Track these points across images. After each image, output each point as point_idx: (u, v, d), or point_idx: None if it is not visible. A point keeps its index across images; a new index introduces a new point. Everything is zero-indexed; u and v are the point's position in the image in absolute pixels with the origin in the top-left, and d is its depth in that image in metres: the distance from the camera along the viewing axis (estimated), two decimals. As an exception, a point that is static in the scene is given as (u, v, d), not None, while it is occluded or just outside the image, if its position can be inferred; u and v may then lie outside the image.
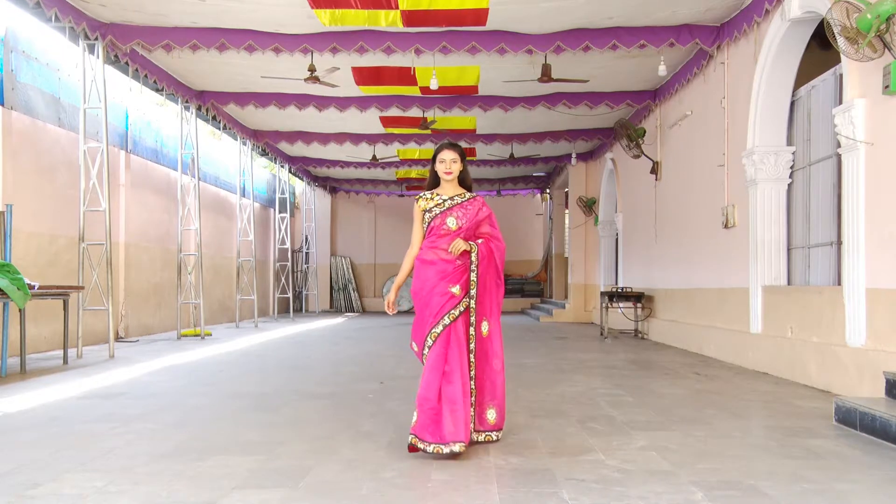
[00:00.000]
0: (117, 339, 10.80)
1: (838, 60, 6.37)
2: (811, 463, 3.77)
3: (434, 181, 4.30)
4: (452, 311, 4.01)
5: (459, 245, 4.06)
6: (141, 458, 3.79)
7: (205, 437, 4.34)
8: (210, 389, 6.25)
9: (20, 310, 6.98)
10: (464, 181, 4.28)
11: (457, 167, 4.20)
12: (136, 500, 3.08)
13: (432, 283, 4.05)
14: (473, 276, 4.10)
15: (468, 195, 4.25)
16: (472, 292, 4.09)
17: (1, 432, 4.45)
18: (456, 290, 4.05)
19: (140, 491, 3.21)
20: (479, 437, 4.12)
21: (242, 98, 11.71)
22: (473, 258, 4.10)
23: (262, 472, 3.53)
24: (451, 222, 4.16)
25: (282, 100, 11.67)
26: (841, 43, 5.43)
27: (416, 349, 4.12)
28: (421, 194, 4.28)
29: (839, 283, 6.41)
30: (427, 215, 4.19)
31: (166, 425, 4.67)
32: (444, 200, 4.20)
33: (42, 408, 5.27)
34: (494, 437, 4.16)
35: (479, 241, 4.17)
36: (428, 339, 3.98)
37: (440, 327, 3.97)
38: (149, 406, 5.36)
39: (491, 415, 4.15)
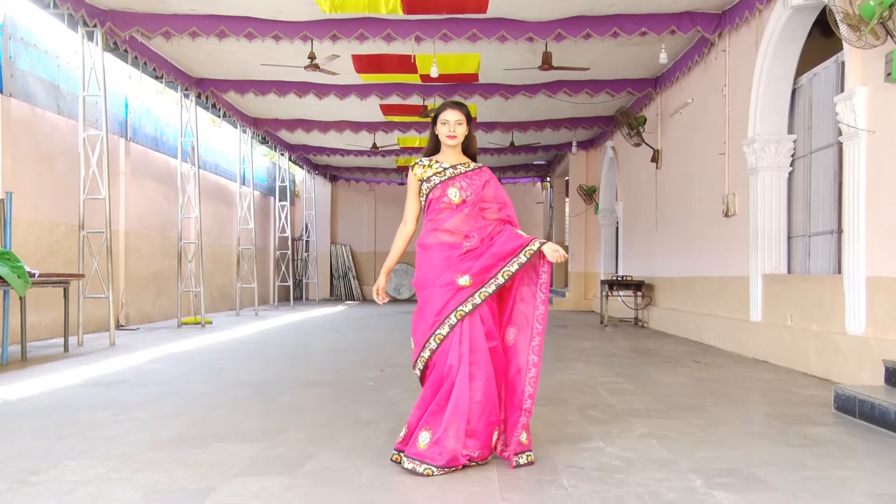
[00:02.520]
0: (118, 326, 10.82)
1: (840, 48, 6.34)
2: (810, 450, 3.78)
3: (433, 147, 3.69)
4: (461, 308, 3.38)
5: (560, 251, 3.43)
6: (142, 445, 3.80)
7: (205, 424, 4.34)
8: (210, 377, 6.27)
9: (20, 298, 6.98)
10: (468, 149, 3.69)
11: (462, 130, 3.59)
12: (137, 487, 3.09)
13: (436, 274, 3.46)
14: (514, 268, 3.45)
15: (473, 165, 3.65)
16: (501, 280, 3.46)
17: (2, 420, 4.46)
18: (464, 280, 3.41)
19: (141, 478, 3.22)
20: (521, 460, 3.41)
21: (242, 86, 11.67)
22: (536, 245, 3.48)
23: (262, 460, 3.54)
24: (454, 194, 3.54)
25: (282, 87, 11.64)
26: (843, 30, 5.40)
27: (413, 347, 3.53)
28: (417, 160, 3.66)
29: (839, 272, 6.41)
30: (425, 185, 3.59)
31: (167, 413, 4.68)
32: (445, 169, 3.59)
33: (43, 395, 5.28)
34: (524, 460, 3.43)
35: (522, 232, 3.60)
36: (431, 341, 3.41)
37: (446, 328, 3.37)
38: (149, 394, 5.37)
39: (522, 435, 3.45)
